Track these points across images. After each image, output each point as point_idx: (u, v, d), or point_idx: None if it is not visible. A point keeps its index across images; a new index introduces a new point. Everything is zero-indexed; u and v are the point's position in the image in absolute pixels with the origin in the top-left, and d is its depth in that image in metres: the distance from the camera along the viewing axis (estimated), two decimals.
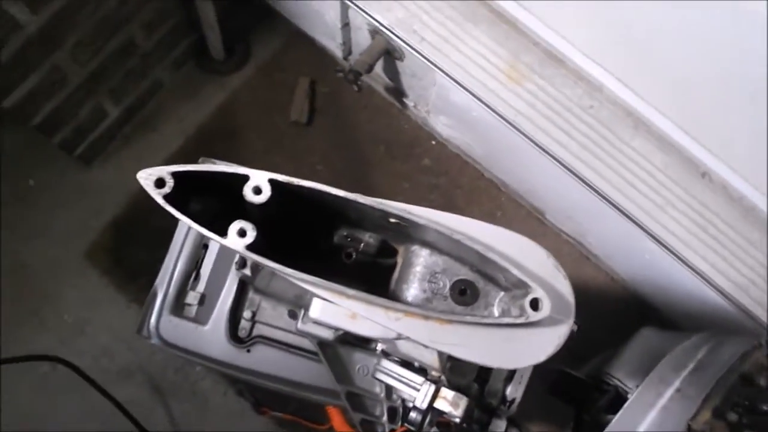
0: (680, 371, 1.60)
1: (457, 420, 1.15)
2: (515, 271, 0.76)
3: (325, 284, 0.76)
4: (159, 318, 1.53)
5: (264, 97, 2.16)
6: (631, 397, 1.58)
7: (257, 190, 0.76)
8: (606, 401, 1.62)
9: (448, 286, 0.84)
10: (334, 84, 2.16)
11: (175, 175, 0.75)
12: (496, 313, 0.82)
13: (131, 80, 1.97)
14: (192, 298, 1.54)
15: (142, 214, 2.05)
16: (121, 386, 1.97)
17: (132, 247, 2.05)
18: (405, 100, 2.07)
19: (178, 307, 1.55)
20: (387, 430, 1.57)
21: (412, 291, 0.86)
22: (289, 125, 2.14)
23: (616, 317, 2.04)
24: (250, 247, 0.74)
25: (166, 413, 1.99)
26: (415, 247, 0.88)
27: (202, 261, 1.56)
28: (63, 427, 1.93)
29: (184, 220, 0.74)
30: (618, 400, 1.63)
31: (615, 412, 1.49)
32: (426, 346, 0.82)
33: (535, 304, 0.76)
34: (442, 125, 2.03)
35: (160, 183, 0.75)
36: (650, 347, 1.80)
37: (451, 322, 0.78)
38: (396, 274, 0.89)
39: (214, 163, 1.40)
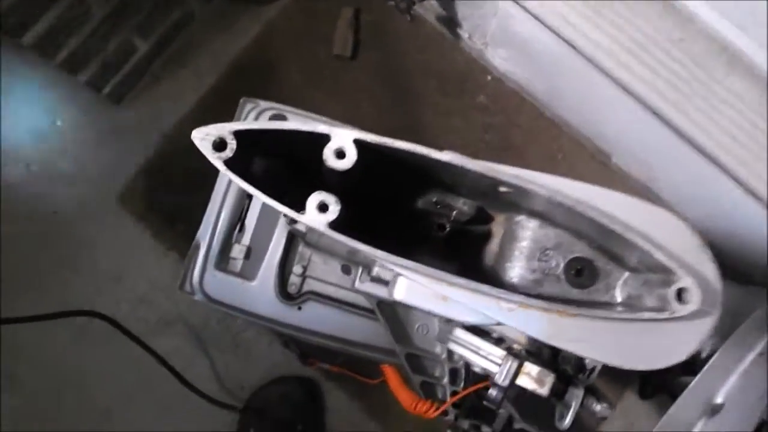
0: (762, 332, 1.47)
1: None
2: (659, 255, 0.62)
3: (428, 271, 0.62)
4: (203, 273, 1.43)
5: (304, 28, 1.99)
6: (710, 361, 1.44)
7: (340, 154, 0.62)
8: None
9: (561, 265, 0.71)
10: (379, 13, 1.98)
11: (237, 134, 0.61)
12: (619, 297, 0.69)
13: (159, 12, 1.80)
14: (237, 251, 1.44)
15: (176, 155, 1.92)
16: (161, 336, 1.90)
17: (167, 190, 1.93)
18: (459, 31, 1.88)
19: (223, 261, 1.45)
20: (448, 392, 1.47)
21: (518, 270, 0.72)
22: (332, 59, 1.97)
23: None
24: (333, 225, 0.60)
25: (208, 364, 1.91)
26: (521, 218, 0.74)
27: (247, 211, 1.44)
28: (102, 379, 1.86)
29: (256, 194, 0.61)
30: (691, 361, 1.50)
31: (688, 373, 1.37)
32: (543, 342, 0.69)
33: (682, 296, 0.62)
34: (500, 59, 1.85)
35: (220, 145, 0.61)
36: (728, 305, 1.67)
37: (575, 315, 0.65)
38: (495, 248, 0.75)
39: (281, 116, 1.25)
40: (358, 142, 0.62)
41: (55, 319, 1.47)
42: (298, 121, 0.64)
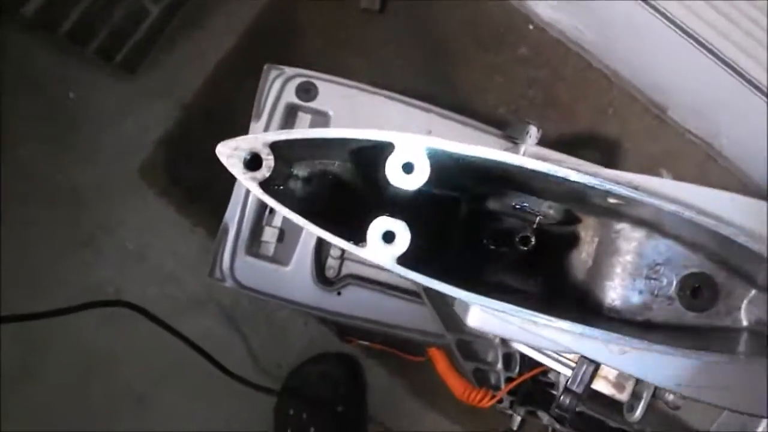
0: None
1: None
2: None
3: (526, 314, 0.50)
4: (233, 258, 1.33)
5: None
6: None
7: (408, 167, 0.49)
8: None
9: (674, 283, 0.58)
10: None
11: (274, 146, 0.48)
12: (744, 321, 0.57)
13: None
14: (269, 234, 1.33)
15: (197, 125, 1.81)
16: (193, 317, 1.82)
17: (189, 163, 1.81)
18: None
19: (254, 245, 1.35)
20: (503, 378, 1.38)
21: (620, 291, 0.60)
22: (358, 13, 1.81)
23: None
24: (402, 259, 0.48)
25: (243, 344, 1.83)
26: (623, 226, 0.61)
27: None
28: (134, 365, 1.80)
29: (308, 227, 0.49)
30: None
31: None
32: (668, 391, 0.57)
33: None
34: (543, 6, 1.69)
35: (252, 162, 0.49)
36: None
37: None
38: (586, 259, 0.63)
39: (310, 85, 1.16)
40: (432, 152, 0.49)
41: (80, 311, 1.40)
42: (350, 130, 0.50)
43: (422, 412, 1.81)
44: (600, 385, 0.90)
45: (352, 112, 1.31)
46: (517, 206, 0.63)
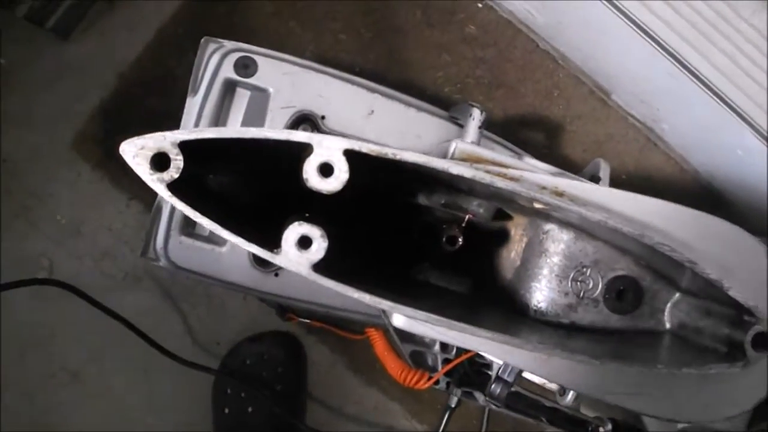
0: None
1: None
2: (735, 292, 0.49)
3: (453, 325, 0.49)
4: (167, 238, 1.30)
5: None
6: None
7: (326, 169, 0.47)
8: None
9: (600, 286, 0.58)
10: None
11: (184, 146, 0.46)
12: (668, 323, 0.57)
13: None
14: None
15: (134, 95, 1.73)
16: (129, 292, 1.77)
17: (125, 134, 1.72)
18: None
19: (189, 224, 1.31)
20: (440, 360, 1.39)
21: (547, 293, 0.59)
22: None
23: None
24: (319, 266, 0.46)
25: (181, 320, 1.79)
26: (551, 227, 0.60)
27: None
28: (68, 341, 1.75)
29: (215, 229, 0.46)
30: None
31: None
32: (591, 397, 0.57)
33: (759, 341, 0.50)
34: None
35: (160, 162, 0.46)
36: None
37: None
38: (514, 259, 0.62)
39: (250, 61, 1.15)
40: (350, 154, 0.47)
41: (10, 289, 1.34)
42: (266, 130, 0.48)
43: (363, 390, 1.82)
44: (531, 374, 0.91)
45: (293, 90, 1.28)
46: (446, 204, 0.62)
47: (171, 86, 1.71)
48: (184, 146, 0.46)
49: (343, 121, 1.29)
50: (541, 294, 0.60)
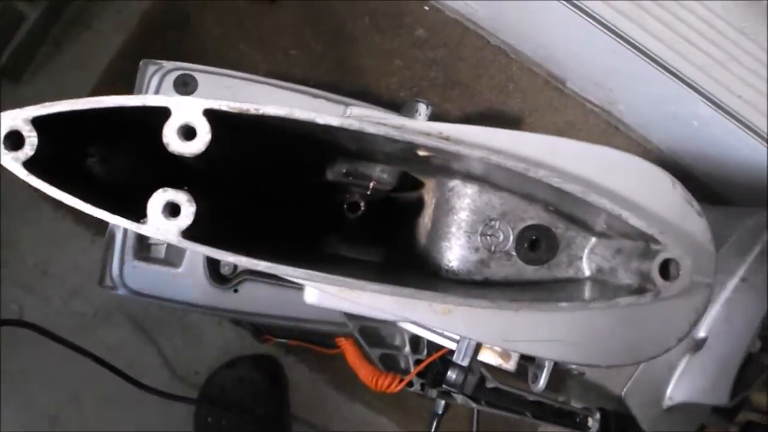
0: (743, 257, 1.37)
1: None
2: (634, 220, 0.47)
3: (332, 279, 0.47)
4: (122, 264, 1.28)
5: None
6: None
7: (187, 132, 0.45)
8: None
9: (511, 238, 0.56)
10: None
11: (39, 122, 0.44)
12: (587, 271, 0.55)
13: None
14: None
15: None
16: (101, 329, 1.75)
17: None
18: None
19: (143, 248, 1.29)
20: (411, 361, 1.36)
21: (457, 251, 0.57)
22: (252, 4, 1.76)
23: None
24: (189, 233, 0.45)
25: (156, 352, 1.76)
26: (455, 183, 0.58)
27: None
28: (44, 384, 1.72)
29: (74, 203, 0.45)
30: None
31: None
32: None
33: (668, 270, 0.47)
34: None
35: (14, 140, 0.44)
36: None
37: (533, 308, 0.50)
38: (427, 223, 0.60)
39: (189, 78, 1.15)
40: (210, 114, 0.46)
41: None
42: (124, 97, 0.46)
43: (347, 406, 1.78)
44: (486, 356, 0.88)
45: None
46: (348, 172, 0.60)
47: None
48: (45, 125, 0.45)
49: None
50: (452, 253, 0.58)
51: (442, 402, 1.43)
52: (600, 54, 1.41)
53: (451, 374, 0.87)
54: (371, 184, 0.59)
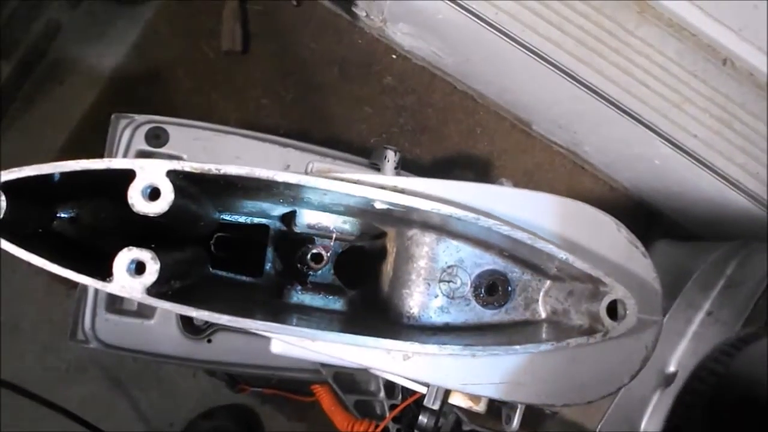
0: (708, 291, 1.40)
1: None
2: (580, 263, 0.49)
3: (290, 330, 0.49)
4: (93, 318, 1.27)
5: (187, 26, 1.81)
6: None
7: (152, 193, 0.47)
8: None
9: (469, 284, 0.58)
10: (266, 0, 1.81)
11: (7, 186, 0.46)
12: (543, 313, 0.57)
13: (17, 27, 1.60)
14: None
15: None
16: (75, 384, 1.73)
17: None
18: (354, 9, 1.73)
19: (116, 301, 1.29)
20: (387, 406, 1.36)
21: (418, 298, 0.59)
22: (222, 56, 1.80)
23: None
24: (154, 290, 0.46)
25: (131, 405, 1.74)
26: (414, 232, 0.61)
27: None
28: None
29: (41, 264, 0.46)
30: None
31: None
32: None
33: (614, 310, 0.50)
34: (402, 35, 1.72)
35: None
36: (668, 263, 1.59)
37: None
38: (389, 271, 0.62)
39: (161, 130, 1.16)
40: (174, 175, 0.47)
41: None
42: (88, 161, 0.48)
43: None
44: (457, 399, 0.89)
45: (206, 154, 1.29)
46: (311, 226, 0.62)
47: None
48: (14, 189, 0.46)
49: None
50: (413, 300, 0.60)
51: None
52: (562, 98, 1.46)
53: (423, 418, 0.87)
54: (334, 235, 0.61)
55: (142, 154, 1.28)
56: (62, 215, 0.52)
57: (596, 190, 1.83)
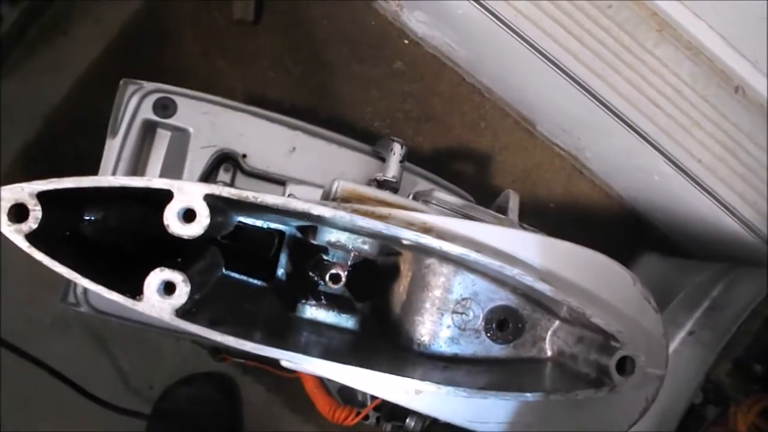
0: (692, 311, 1.43)
1: None
2: (597, 319, 0.51)
3: (308, 360, 0.50)
4: None
5: None
6: None
7: (188, 215, 0.47)
8: None
9: (481, 317, 0.59)
10: None
11: (44, 197, 0.46)
12: (549, 351, 0.58)
13: None
14: None
15: (61, 138, 1.72)
16: (58, 339, 1.73)
17: (52, 177, 1.72)
18: None
19: None
20: (369, 395, 1.38)
21: (429, 326, 0.60)
22: (233, 23, 1.77)
23: (611, 237, 1.84)
24: (182, 312, 0.46)
25: (112, 365, 1.75)
26: (432, 261, 0.61)
27: None
28: None
29: (70, 276, 0.46)
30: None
31: None
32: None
33: (623, 365, 0.51)
34: (417, 22, 1.70)
35: (19, 213, 0.45)
36: (655, 277, 1.62)
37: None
38: (402, 294, 0.63)
39: (169, 101, 1.15)
40: (211, 198, 0.48)
41: None
42: (126, 178, 0.48)
43: (301, 427, 1.80)
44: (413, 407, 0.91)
45: (213, 129, 1.28)
46: (331, 243, 0.62)
47: (98, 128, 1.69)
48: (47, 195, 0.46)
49: (264, 159, 1.29)
50: (424, 328, 0.61)
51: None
52: (570, 105, 1.46)
53: (410, 421, 0.90)
54: (351, 257, 0.62)
55: (149, 124, 1.27)
56: (88, 218, 0.52)
57: (593, 196, 1.85)
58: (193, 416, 1.62)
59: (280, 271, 0.69)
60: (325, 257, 0.66)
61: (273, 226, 0.67)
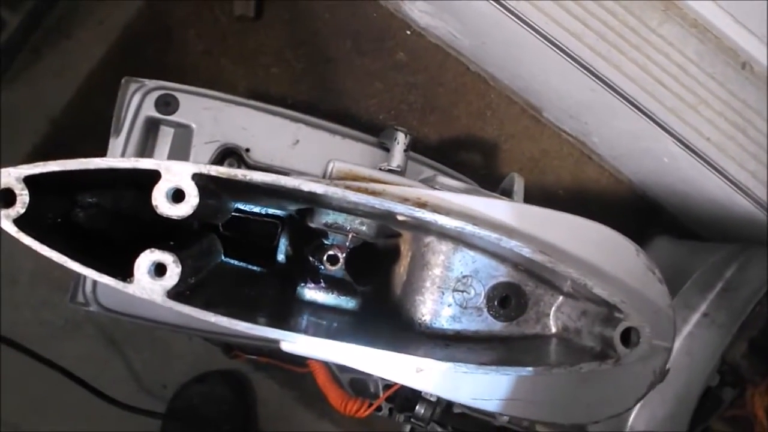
0: (706, 293, 1.41)
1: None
2: (599, 290, 0.49)
3: (310, 341, 0.49)
4: (95, 281, 1.27)
5: None
6: None
7: (176, 195, 0.47)
8: None
9: (483, 295, 0.58)
10: None
11: (31, 180, 0.45)
12: (553, 328, 0.57)
13: None
14: None
15: (67, 141, 1.72)
16: (70, 340, 1.74)
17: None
18: None
19: None
20: (381, 386, 1.37)
21: (431, 305, 0.59)
22: (234, 20, 1.77)
23: (621, 221, 1.81)
24: (174, 293, 0.46)
25: (125, 365, 1.76)
26: (431, 239, 0.60)
27: None
28: (7, 392, 1.69)
29: (60, 260, 0.46)
30: None
31: None
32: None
33: (628, 336, 0.50)
34: (419, 12, 1.69)
35: (6, 198, 0.45)
36: (667, 261, 1.60)
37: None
38: (402, 274, 0.62)
39: (171, 98, 1.15)
40: (199, 178, 0.47)
41: None
42: (113, 160, 0.47)
43: (315, 423, 1.79)
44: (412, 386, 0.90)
45: (216, 124, 1.28)
46: (328, 224, 0.62)
47: (103, 130, 1.70)
48: (35, 180, 0.46)
49: (268, 152, 1.29)
50: (425, 307, 0.60)
51: (409, 426, 1.45)
52: (577, 90, 1.45)
53: (420, 408, 0.89)
54: (349, 238, 0.61)
55: (152, 121, 1.27)
56: (81, 204, 0.52)
57: (601, 181, 1.83)
58: (207, 414, 1.62)
59: (281, 257, 0.68)
60: (325, 241, 0.65)
61: (271, 211, 0.67)
